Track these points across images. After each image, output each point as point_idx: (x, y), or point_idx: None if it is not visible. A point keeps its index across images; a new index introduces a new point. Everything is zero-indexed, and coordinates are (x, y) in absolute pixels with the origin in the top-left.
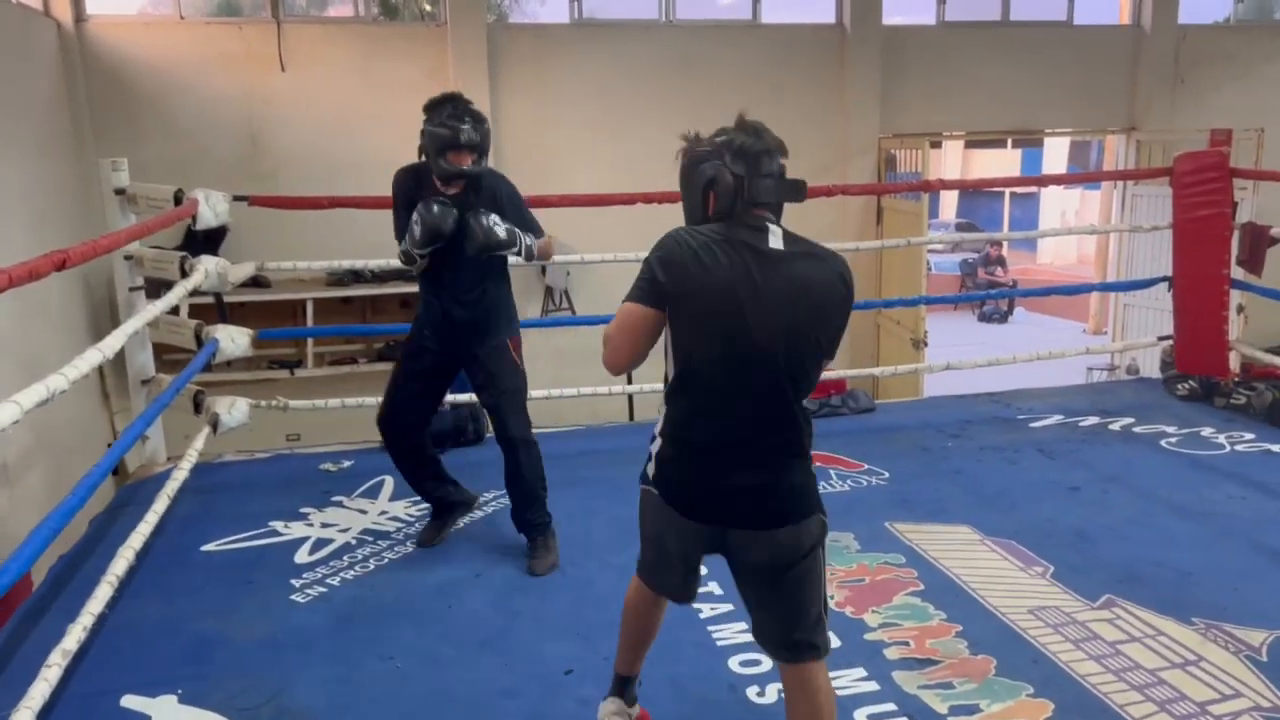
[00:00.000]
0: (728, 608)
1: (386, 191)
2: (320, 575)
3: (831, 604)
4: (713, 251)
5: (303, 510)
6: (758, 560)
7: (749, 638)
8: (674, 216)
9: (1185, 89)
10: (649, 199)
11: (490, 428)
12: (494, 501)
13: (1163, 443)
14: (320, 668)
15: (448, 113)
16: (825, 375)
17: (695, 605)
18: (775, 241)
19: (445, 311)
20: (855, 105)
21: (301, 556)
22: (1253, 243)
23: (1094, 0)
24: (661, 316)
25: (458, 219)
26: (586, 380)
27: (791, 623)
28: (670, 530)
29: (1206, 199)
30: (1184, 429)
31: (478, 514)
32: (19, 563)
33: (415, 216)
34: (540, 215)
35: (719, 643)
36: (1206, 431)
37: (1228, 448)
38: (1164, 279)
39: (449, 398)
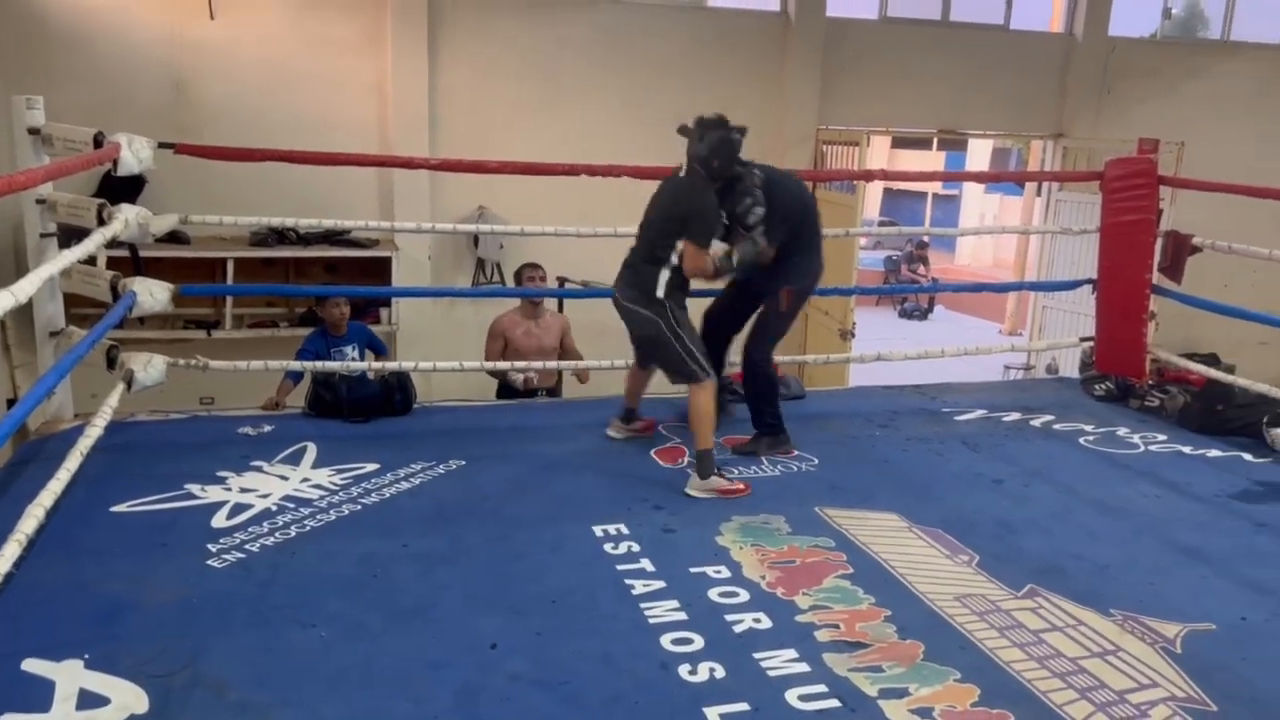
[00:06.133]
0: (660, 585)
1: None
2: (239, 541)
3: (763, 584)
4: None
5: (220, 474)
6: None
7: (682, 615)
8: (616, 190)
9: (1111, 99)
10: (592, 171)
11: (416, 399)
12: (422, 473)
13: (1081, 440)
14: (238, 635)
15: None
16: None
17: (628, 582)
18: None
19: None
20: (794, 95)
21: (219, 521)
22: (1175, 251)
23: (1031, 5)
24: None
25: None
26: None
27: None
28: None
29: (1133, 204)
30: (1101, 428)
31: (404, 485)
32: None
33: None
34: (477, 182)
35: (651, 620)
36: (1122, 431)
37: (1142, 447)
38: (1089, 281)
39: (376, 364)
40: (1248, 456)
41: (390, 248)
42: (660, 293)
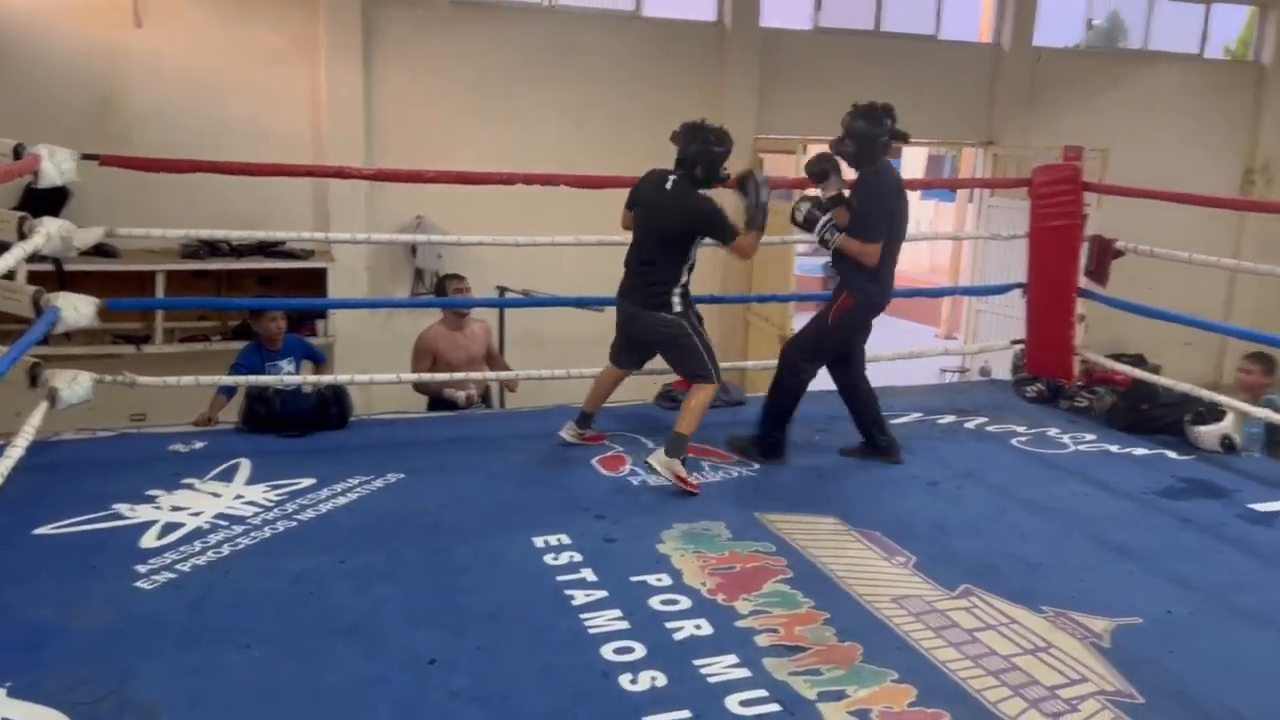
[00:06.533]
0: (601, 594)
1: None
2: (170, 561)
3: (704, 591)
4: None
5: (150, 492)
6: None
7: (624, 625)
8: (555, 200)
9: (1038, 108)
10: (530, 180)
11: (353, 412)
12: (359, 487)
13: (1013, 441)
14: (170, 657)
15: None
16: None
17: (569, 593)
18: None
19: None
20: (732, 104)
21: (149, 541)
22: (1099, 255)
23: (961, 16)
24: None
25: None
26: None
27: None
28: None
29: (1060, 210)
30: (1032, 429)
31: (341, 500)
32: None
33: None
34: (414, 191)
35: (592, 631)
36: (1052, 431)
37: (1071, 447)
38: (1019, 285)
39: (311, 378)
40: (1171, 454)
41: (326, 259)
42: (678, 309)
